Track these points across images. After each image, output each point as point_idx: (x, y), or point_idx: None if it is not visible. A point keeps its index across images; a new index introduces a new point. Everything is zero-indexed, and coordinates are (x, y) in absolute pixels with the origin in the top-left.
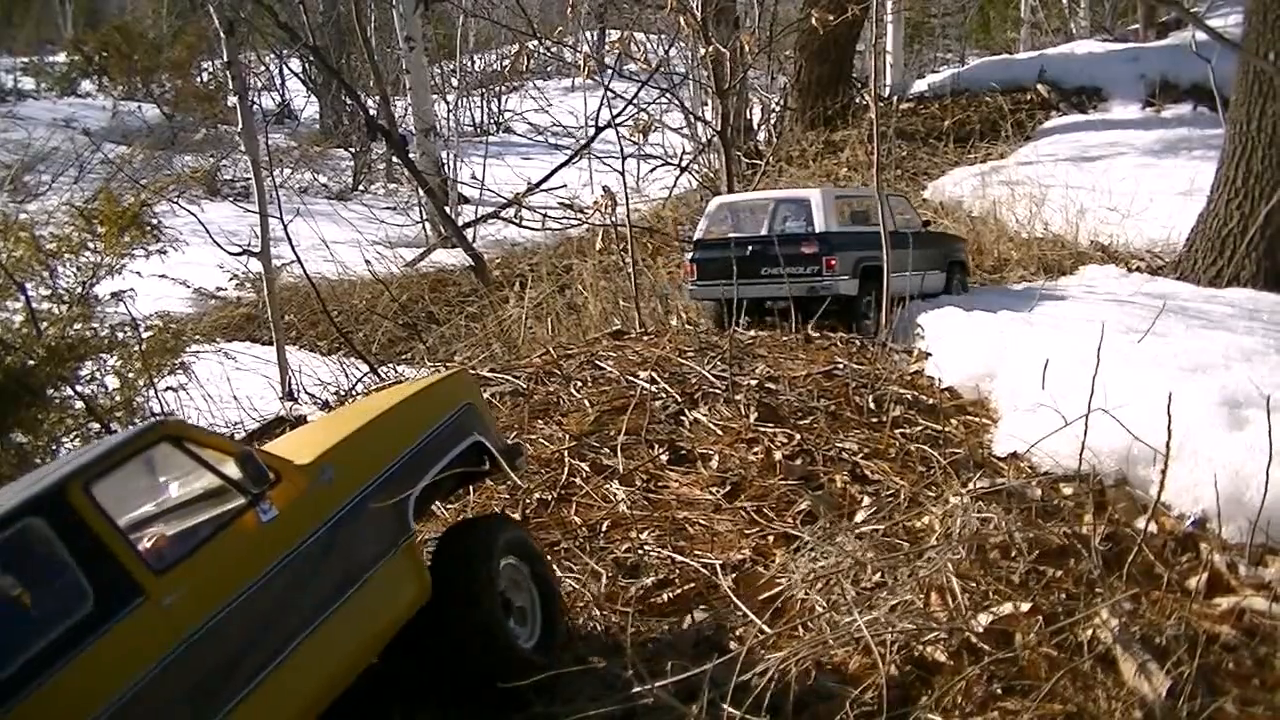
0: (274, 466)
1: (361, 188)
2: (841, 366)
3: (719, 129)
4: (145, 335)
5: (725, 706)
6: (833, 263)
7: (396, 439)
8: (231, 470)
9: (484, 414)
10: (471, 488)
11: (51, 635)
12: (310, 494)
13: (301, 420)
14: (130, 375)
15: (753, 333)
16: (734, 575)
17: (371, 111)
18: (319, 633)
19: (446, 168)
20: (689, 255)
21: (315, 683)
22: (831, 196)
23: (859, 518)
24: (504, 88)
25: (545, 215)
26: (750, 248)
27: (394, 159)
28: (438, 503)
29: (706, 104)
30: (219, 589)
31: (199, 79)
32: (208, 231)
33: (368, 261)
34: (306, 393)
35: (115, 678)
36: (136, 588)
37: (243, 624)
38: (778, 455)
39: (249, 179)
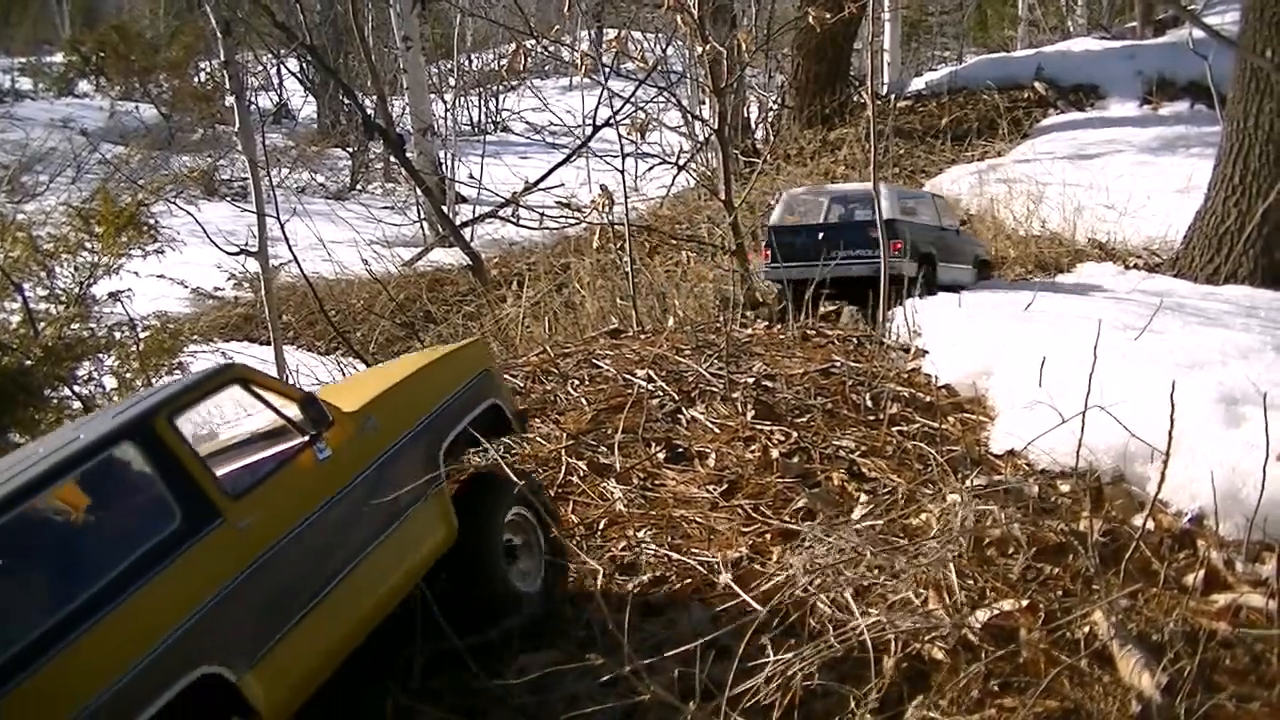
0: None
1: (359, 187)
2: (839, 364)
3: (716, 127)
4: (143, 335)
5: (724, 707)
6: (898, 246)
7: (426, 397)
8: (292, 412)
9: (499, 380)
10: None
11: (143, 549)
12: (357, 439)
13: None
14: (128, 375)
15: (749, 331)
16: (732, 573)
17: (369, 111)
18: (367, 562)
19: (444, 167)
20: (765, 240)
21: (364, 607)
22: (895, 193)
23: (856, 515)
24: (501, 87)
25: (543, 214)
26: (820, 233)
27: (391, 158)
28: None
29: (704, 102)
30: (284, 516)
31: (196, 79)
32: (205, 231)
33: (365, 261)
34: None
35: (197, 590)
36: (215, 511)
37: (303, 549)
38: (775, 453)
39: (246, 179)
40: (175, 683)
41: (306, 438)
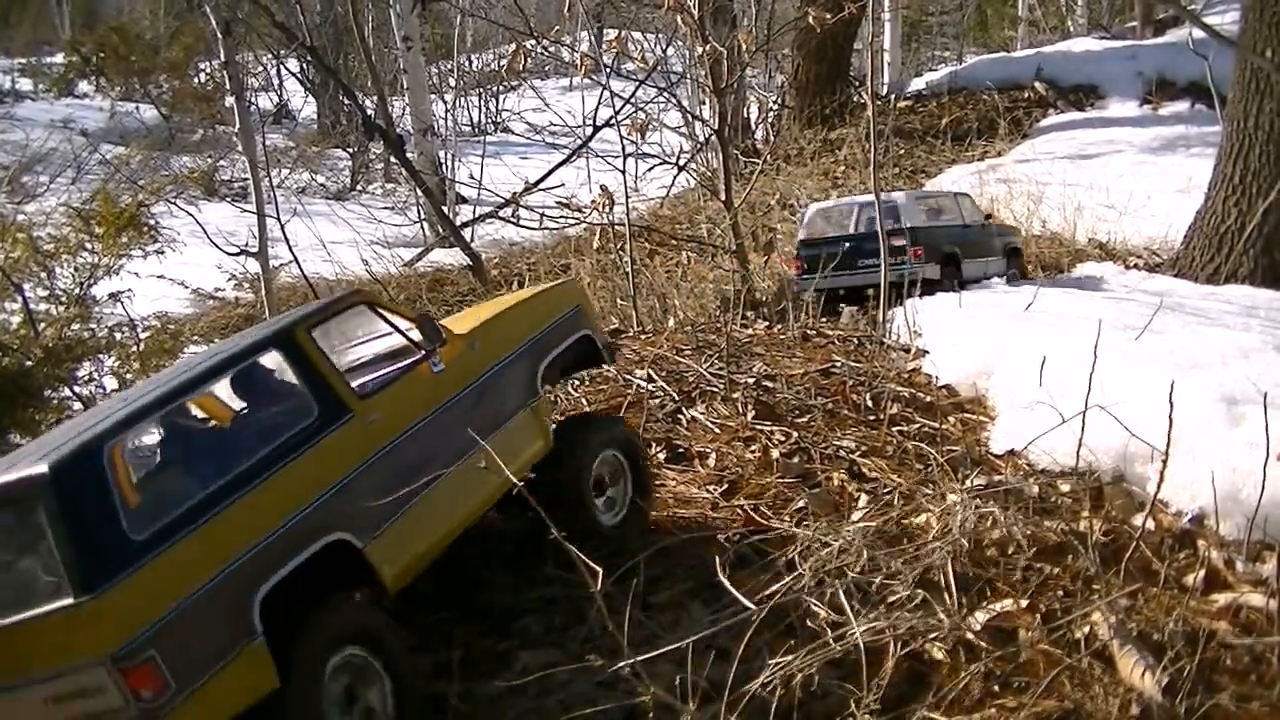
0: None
1: (359, 188)
2: (839, 364)
3: (716, 128)
4: (143, 336)
5: (723, 708)
6: (919, 252)
7: (524, 326)
8: (412, 332)
9: (592, 315)
10: None
11: (286, 436)
12: (465, 357)
13: None
14: (128, 376)
15: (750, 331)
16: (731, 573)
17: (369, 111)
18: (470, 462)
19: (444, 167)
20: (794, 255)
21: (469, 498)
22: (913, 198)
23: (856, 515)
24: (501, 87)
25: (543, 215)
26: (846, 244)
27: (392, 159)
28: None
29: (704, 103)
30: (404, 416)
31: (196, 79)
32: (205, 232)
33: (365, 261)
34: None
35: (330, 471)
36: (346, 408)
37: (419, 445)
38: (775, 453)
39: (247, 179)
40: (312, 544)
41: (424, 352)
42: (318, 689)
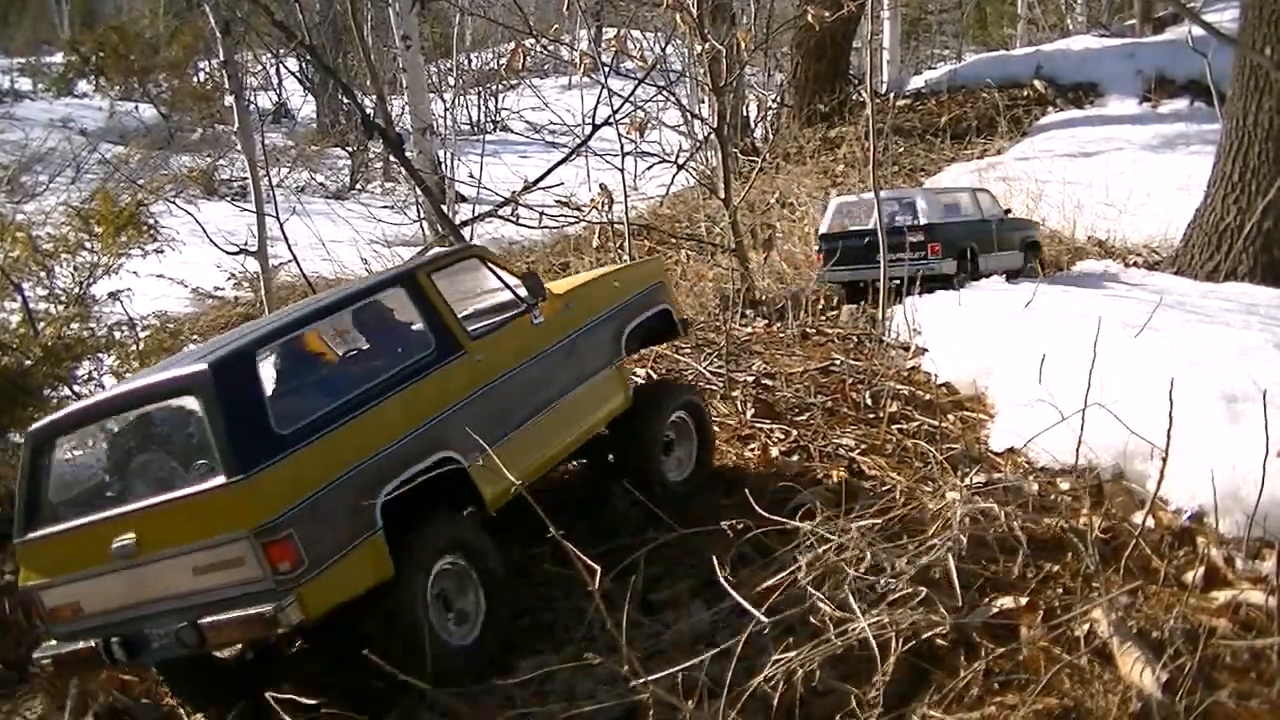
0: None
1: (358, 187)
2: (838, 363)
3: (716, 126)
4: (142, 335)
5: (724, 707)
6: (936, 248)
7: (611, 294)
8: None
9: (671, 291)
10: None
11: (408, 363)
12: (561, 314)
13: None
14: (128, 375)
15: (749, 329)
16: (730, 571)
17: (368, 110)
18: (560, 405)
19: (444, 166)
20: (816, 248)
21: (557, 438)
22: (932, 195)
23: (856, 513)
24: (501, 86)
25: (542, 213)
26: (866, 239)
27: (391, 158)
28: None
29: (703, 101)
30: (506, 359)
31: (195, 79)
32: (205, 231)
33: (365, 260)
34: None
35: (443, 398)
36: (458, 345)
37: (518, 385)
38: (774, 451)
39: (246, 178)
40: (427, 457)
41: (526, 306)
42: (423, 586)
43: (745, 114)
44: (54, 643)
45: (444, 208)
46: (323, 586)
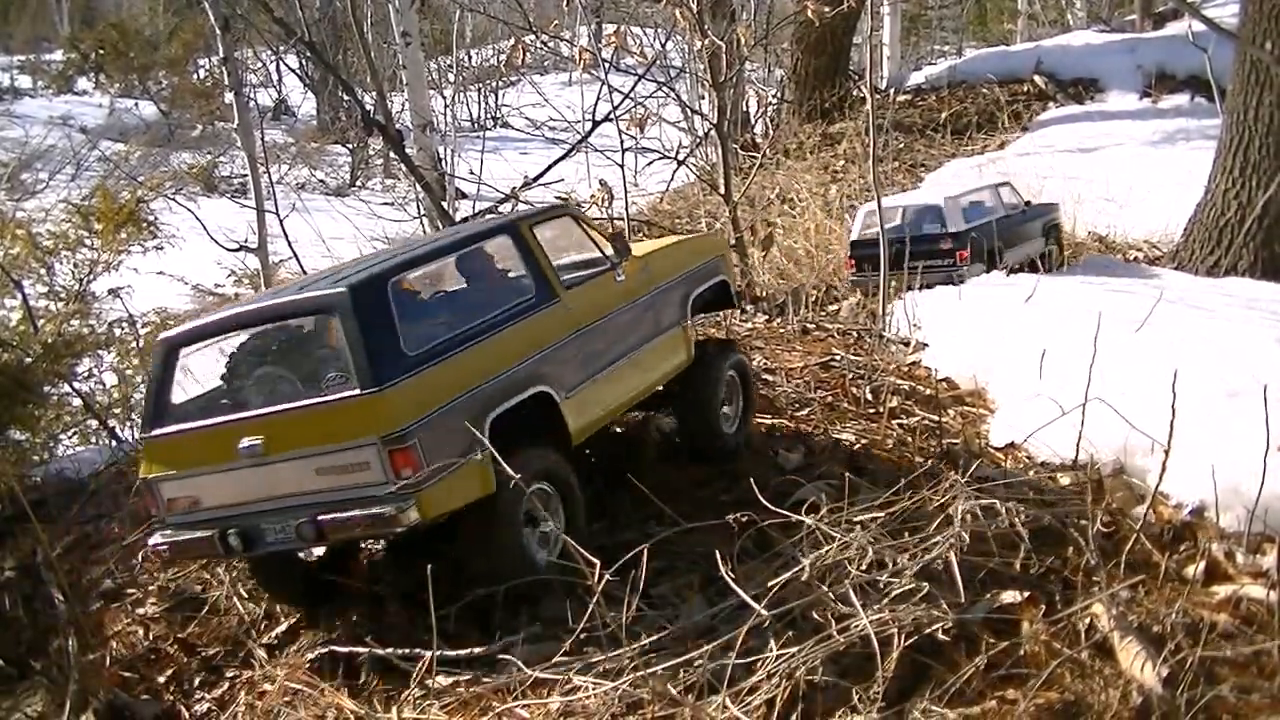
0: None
1: (359, 183)
2: (839, 358)
3: (716, 122)
4: (142, 332)
5: (726, 701)
6: (965, 255)
7: (680, 262)
8: (604, 245)
9: (730, 264)
10: None
11: (512, 305)
12: (639, 275)
13: None
14: (128, 372)
15: (750, 324)
16: (731, 566)
17: (368, 107)
18: (635, 356)
19: (444, 163)
20: (847, 253)
21: (630, 385)
22: (955, 200)
23: (856, 508)
24: (501, 82)
25: None
26: (896, 246)
27: (391, 154)
28: None
29: (703, 97)
30: (593, 308)
31: (195, 76)
32: (205, 228)
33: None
34: None
35: (539, 339)
36: (554, 293)
37: (601, 334)
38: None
39: (246, 175)
40: (526, 389)
41: (611, 264)
42: (519, 504)
43: (745, 110)
44: (169, 531)
45: (444, 204)
46: (438, 494)
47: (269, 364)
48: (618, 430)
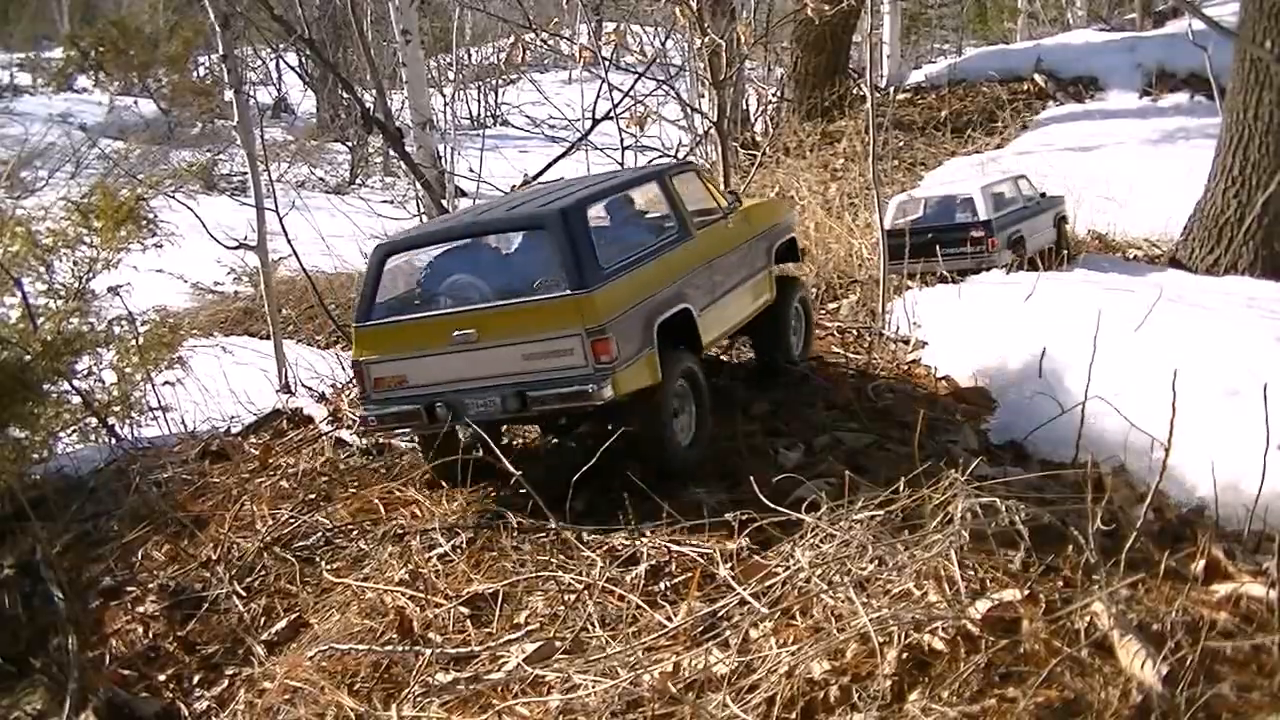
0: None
1: (358, 181)
2: (839, 355)
3: (715, 120)
4: (142, 329)
5: (727, 700)
6: (995, 243)
7: (770, 217)
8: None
9: (796, 223)
10: None
11: (664, 238)
12: (741, 224)
13: (299, 413)
14: (127, 370)
15: None
16: (731, 565)
17: (368, 105)
18: (740, 289)
19: (443, 161)
20: (878, 243)
21: (736, 312)
22: (985, 189)
23: (856, 506)
24: (500, 80)
25: None
26: (930, 234)
27: (391, 152)
28: None
29: (703, 95)
30: (714, 247)
31: (195, 74)
32: (204, 226)
33: (365, 255)
34: (304, 385)
35: (682, 265)
36: (690, 231)
37: (720, 268)
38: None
39: (246, 173)
40: (674, 307)
41: (724, 213)
42: (672, 394)
43: (745, 108)
44: (374, 407)
45: (444, 202)
46: (625, 378)
47: (475, 269)
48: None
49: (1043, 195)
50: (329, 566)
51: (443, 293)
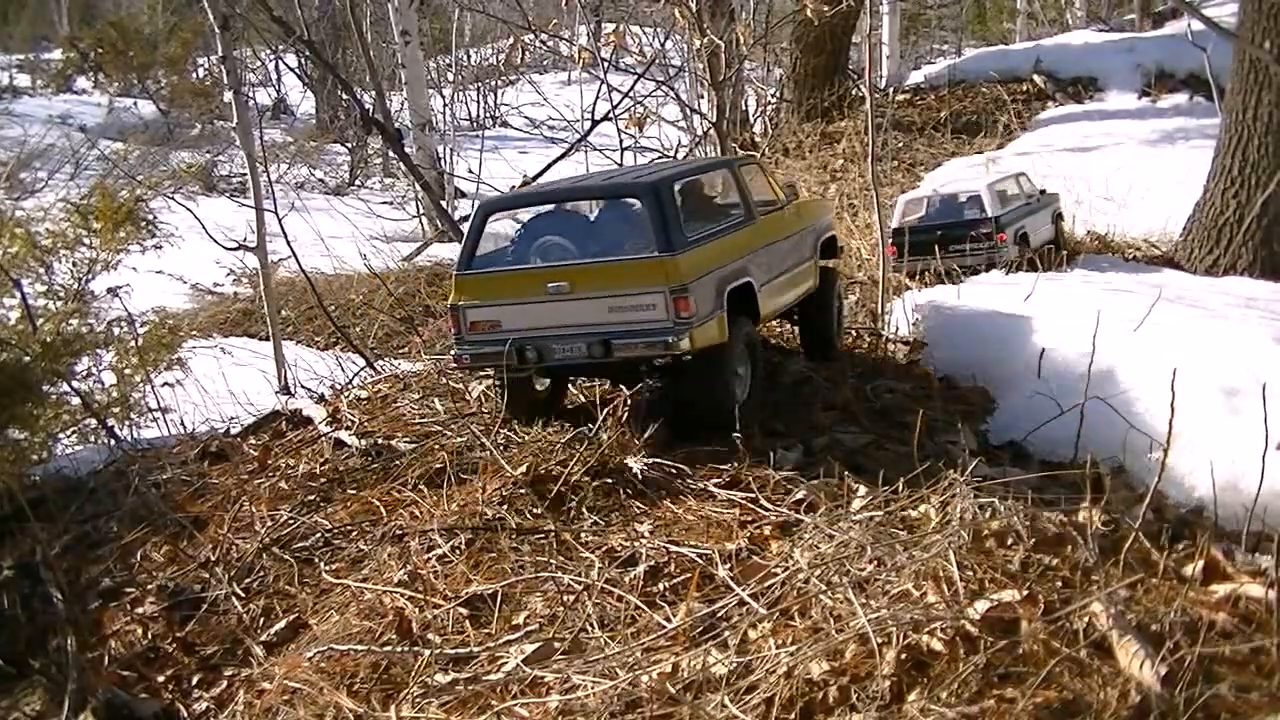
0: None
1: (358, 182)
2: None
3: (715, 121)
4: (141, 331)
5: (725, 701)
6: (1003, 237)
7: (814, 213)
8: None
9: (835, 220)
10: None
11: (729, 220)
12: (794, 217)
13: (298, 414)
14: (126, 371)
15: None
16: (730, 565)
17: (367, 106)
18: (792, 273)
19: (443, 162)
20: (890, 241)
21: (788, 292)
22: (991, 187)
23: (855, 506)
24: (500, 81)
25: None
26: (938, 231)
27: (390, 154)
28: None
29: (702, 96)
30: (772, 232)
31: (194, 75)
32: (204, 227)
33: (364, 256)
34: (303, 387)
35: (748, 244)
36: (754, 215)
37: (777, 251)
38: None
39: (245, 174)
40: (740, 279)
41: (782, 204)
42: (734, 354)
43: (744, 109)
44: (467, 348)
45: (443, 203)
46: (699, 333)
47: (566, 231)
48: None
49: (1042, 192)
50: (328, 567)
51: (536, 250)
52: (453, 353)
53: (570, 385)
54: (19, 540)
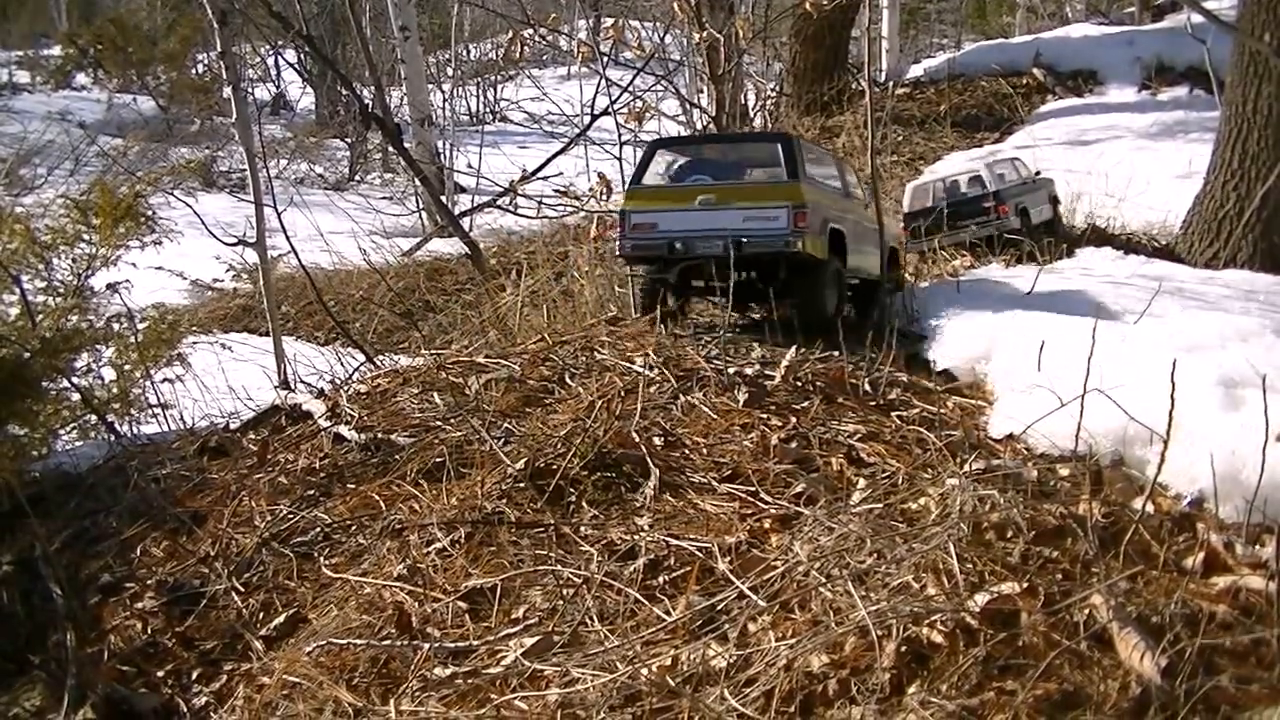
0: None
1: (357, 178)
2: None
3: (714, 115)
4: (141, 326)
5: (725, 694)
6: (1005, 209)
7: (890, 221)
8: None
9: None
10: None
11: (832, 187)
12: (872, 214)
13: (298, 409)
14: (126, 367)
15: (754, 317)
16: (729, 559)
17: (367, 101)
18: (864, 251)
19: (442, 157)
20: (902, 224)
21: (862, 263)
22: (990, 166)
23: (855, 499)
24: (499, 76)
25: (541, 203)
26: (949, 210)
27: (390, 149)
28: None
29: (702, 90)
30: (857, 211)
31: (194, 71)
32: (203, 223)
33: (364, 251)
34: (303, 382)
35: (841, 208)
36: (849, 193)
37: (858, 226)
38: (773, 439)
39: (245, 170)
40: (837, 224)
41: (865, 203)
42: (830, 274)
43: (744, 103)
44: (629, 244)
45: (443, 198)
46: (809, 242)
47: (714, 168)
48: None
49: (1037, 173)
50: (327, 562)
51: (688, 176)
52: (617, 245)
53: (693, 299)
54: (18, 536)
